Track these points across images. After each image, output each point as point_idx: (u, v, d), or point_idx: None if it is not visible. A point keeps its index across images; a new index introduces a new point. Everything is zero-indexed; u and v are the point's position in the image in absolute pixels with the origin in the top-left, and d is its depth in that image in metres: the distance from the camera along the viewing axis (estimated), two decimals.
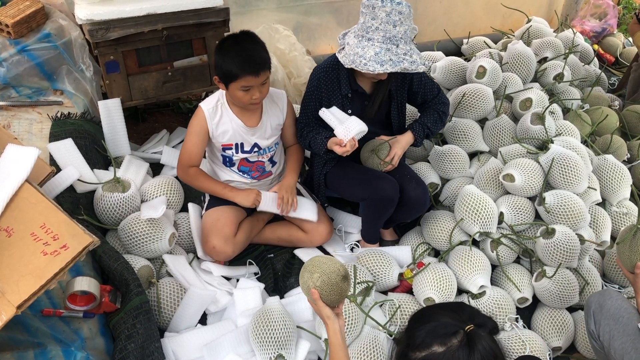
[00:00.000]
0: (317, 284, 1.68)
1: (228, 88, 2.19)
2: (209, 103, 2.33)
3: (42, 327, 1.71)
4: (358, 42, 2.15)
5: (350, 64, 2.15)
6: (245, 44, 2.15)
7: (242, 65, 2.10)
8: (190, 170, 2.38)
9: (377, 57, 2.09)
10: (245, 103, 2.22)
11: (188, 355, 2.03)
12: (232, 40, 2.17)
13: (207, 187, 2.42)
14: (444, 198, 2.79)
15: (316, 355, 2.16)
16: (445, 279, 2.29)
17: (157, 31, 2.61)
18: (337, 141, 2.27)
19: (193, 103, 3.41)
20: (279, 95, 2.46)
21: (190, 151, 2.36)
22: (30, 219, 1.62)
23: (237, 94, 2.17)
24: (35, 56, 2.52)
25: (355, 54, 2.13)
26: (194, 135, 2.34)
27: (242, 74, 2.10)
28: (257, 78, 2.13)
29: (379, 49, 2.10)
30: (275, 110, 2.43)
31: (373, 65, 2.10)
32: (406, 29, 2.12)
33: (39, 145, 2.34)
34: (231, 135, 2.35)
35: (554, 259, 2.35)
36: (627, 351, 1.80)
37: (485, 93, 2.98)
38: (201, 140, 2.35)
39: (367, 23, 2.11)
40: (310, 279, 1.70)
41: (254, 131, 2.38)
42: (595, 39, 4.59)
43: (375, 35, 2.10)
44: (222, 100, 2.34)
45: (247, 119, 2.36)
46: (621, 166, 2.80)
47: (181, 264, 2.31)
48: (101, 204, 2.31)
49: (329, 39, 3.88)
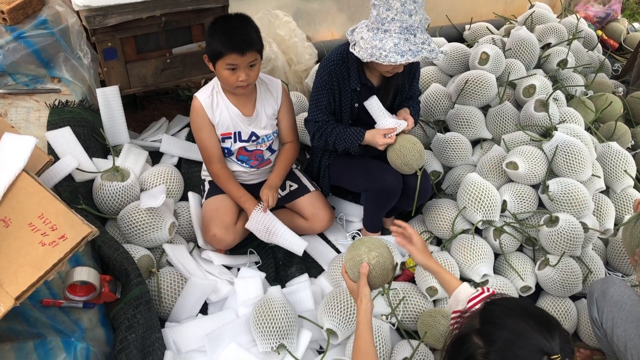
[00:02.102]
0: (372, 262, 1.71)
1: (215, 67, 2.18)
2: (204, 93, 2.31)
3: (41, 318, 1.70)
4: (374, 35, 2.09)
5: (369, 58, 2.09)
6: (235, 23, 2.15)
7: (227, 43, 2.09)
8: (212, 169, 2.39)
9: (396, 48, 2.04)
10: (231, 84, 2.19)
11: (189, 345, 2.02)
12: (224, 19, 2.17)
13: (226, 189, 2.42)
14: (447, 186, 2.77)
15: (318, 344, 2.16)
16: (448, 268, 2.27)
17: (156, 17, 2.58)
18: (385, 131, 2.25)
19: (192, 90, 3.38)
20: (273, 84, 2.42)
21: (205, 147, 2.36)
22: (28, 209, 1.60)
23: (223, 73, 2.16)
24: (32, 43, 2.49)
25: (373, 47, 2.08)
26: (200, 130, 2.33)
27: (227, 51, 2.09)
28: (243, 57, 2.11)
29: (398, 39, 2.05)
30: (269, 99, 2.40)
31: (394, 56, 2.04)
32: (421, 18, 2.07)
33: (36, 133, 2.32)
34: (229, 124, 2.33)
35: (557, 247, 2.34)
36: (630, 338, 1.79)
37: (488, 80, 2.94)
38: (209, 132, 2.33)
39: (382, 15, 2.06)
40: (366, 254, 1.72)
41: (250, 120, 2.36)
42: (598, 25, 4.54)
43: (392, 26, 2.05)
44: (217, 88, 2.31)
45: (243, 107, 2.33)
46: (625, 153, 2.77)
47: (181, 253, 2.30)
48: (100, 193, 2.29)
49: (329, 25, 3.83)
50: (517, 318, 1.28)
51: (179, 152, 2.87)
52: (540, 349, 1.21)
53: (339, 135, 2.32)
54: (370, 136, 2.28)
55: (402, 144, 2.23)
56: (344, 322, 2.04)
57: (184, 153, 2.88)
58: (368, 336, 1.63)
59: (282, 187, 2.58)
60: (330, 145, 2.37)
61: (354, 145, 2.31)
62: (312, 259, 2.51)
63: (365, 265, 1.70)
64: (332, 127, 2.35)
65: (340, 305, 2.06)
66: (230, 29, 2.11)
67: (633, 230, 1.95)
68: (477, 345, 1.26)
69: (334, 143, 2.34)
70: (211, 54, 2.15)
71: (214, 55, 2.13)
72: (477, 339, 1.27)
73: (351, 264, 1.74)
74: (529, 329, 1.24)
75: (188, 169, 2.83)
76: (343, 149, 2.34)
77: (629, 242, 1.97)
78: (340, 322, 2.04)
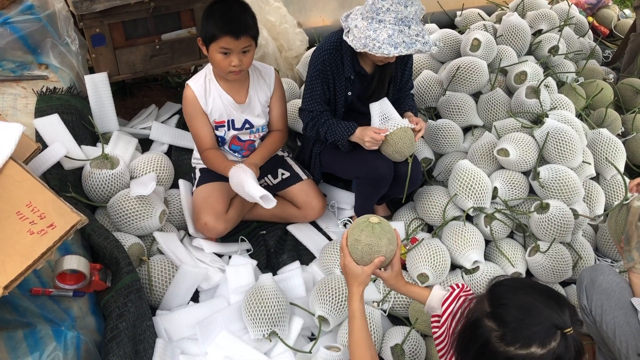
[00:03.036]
0: (388, 256, 1.66)
1: (208, 50, 2.16)
2: (196, 81, 2.29)
3: (31, 307, 1.69)
4: (368, 24, 2.07)
5: (362, 48, 2.07)
6: (232, 7, 2.14)
7: (222, 26, 2.08)
8: (205, 154, 2.35)
9: (390, 40, 2.02)
10: (223, 69, 2.17)
11: (180, 333, 2.02)
12: (221, 2, 2.15)
13: (216, 166, 2.34)
14: (438, 173, 2.77)
15: (309, 331, 2.16)
16: (439, 255, 2.28)
17: (144, 3, 2.54)
18: (376, 129, 2.22)
19: (182, 77, 3.35)
20: (267, 71, 2.40)
21: (198, 135, 2.34)
22: (16, 197, 1.58)
23: (216, 57, 2.14)
24: (18, 29, 2.45)
25: (367, 37, 2.06)
26: (192, 119, 2.31)
27: (221, 34, 2.08)
28: (237, 42, 2.09)
29: (392, 30, 2.03)
30: (262, 85, 2.38)
31: (387, 48, 2.03)
32: (417, 9, 2.05)
33: (24, 121, 2.29)
34: (222, 112, 2.31)
35: (547, 233, 2.35)
36: (619, 325, 1.81)
37: (480, 66, 2.93)
38: (202, 120, 2.32)
39: (377, 4, 2.03)
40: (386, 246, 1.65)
41: (243, 107, 2.34)
42: (589, 11, 4.54)
43: (387, 16, 2.03)
44: (209, 75, 2.30)
45: (236, 94, 2.31)
46: (615, 140, 2.78)
47: (172, 241, 2.29)
48: (89, 181, 2.27)
49: (320, 11, 3.80)
50: (525, 295, 1.29)
51: (169, 139, 2.85)
52: (553, 324, 1.23)
53: (331, 127, 2.30)
54: (359, 133, 2.25)
55: (394, 132, 2.22)
56: (335, 309, 2.04)
57: (174, 140, 2.85)
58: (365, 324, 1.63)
59: (274, 175, 2.57)
60: (321, 136, 2.35)
61: (344, 139, 2.28)
62: (304, 246, 2.51)
63: (382, 258, 1.64)
64: (325, 118, 2.33)
65: (332, 292, 2.06)
66: (227, 12, 2.10)
67: (617, 217, 1.97)
68: (491, 328, 1.26)
69: (325, 134, 2.32)
70: (205, 37, 2.14)
71: (208, 38, 2.12)
72: (490, 322, 1.27)
73: (367, 250, 1.64)
74: (539, 305, 1.26)
75: (178, 157, 2.81)
76: (333, 141, 2.33)
77: (614, 229, 2.00)
78: (332, 309, 2.04)
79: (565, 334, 1.23)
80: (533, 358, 1.21)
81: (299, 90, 3.12)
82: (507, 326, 1.24)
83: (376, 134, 2.21)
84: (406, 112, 2.42)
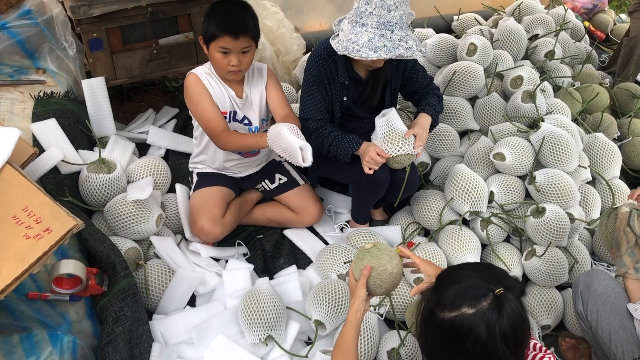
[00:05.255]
0: (395, 270, 1.67)
1: (208, 49, 2.18)
2: (199, 69, 2.30)
3: (27, 311, 1.68)
4: (352, 27, 2.07)
5: (343, 51, 2.07)
6: (233, 7, 2.15)
7: (222, 26, 2.10)
8: (220, 139, 2.23)
9: (370, 44, 2.02)
10: (222, 68, 2.18)
11: (177, 338, 2.02)
12: (224, 3, 2.17)
13: (242, 144, 2.24)
14: (434, 177, 2.77)
15: (306, 335, 2.16)
16: (435, 259, 2.28)
17: (141, 7, 2.55)
18: (379, 150, 2.19)
19: (179, 81, 3.36)
20: (260, 67, 2.41)
21: (209, 117, 2.22)
22: (12, 201, 1.58)
23: (216, 55, 2.16)
24: (16, 33, 2.46)
25: (348, 40, 2.06)
26: (200, 101, 2.23)
27: (221, 33, 2.09)
28: (236, 41, 2.10)
29: (373, 34, 2.03)
30: (257, 81, 2.38)
31: (366, 51, 2.02)
32: (402, 14, 2.04)
33: (21, 125, 2.29)
34: (224, 102, 2.30)
35: (544, 237, 2.35)
36: (615, 330, 1.81)
37: (476, 71, 2.94)
38: (210, 101, 2.23)
39: (361, 8, 2.04)
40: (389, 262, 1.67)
41: (242, 102, 2.34)
42: (586, 16, 4.56)
43: (369, 20, 2.03)
44: (210, 71, 2.31)
45: (235, 88, 2.32)
46: (611, 144, 2.79)
47: (169, 245, 2.29)
48: (86, 186, 2.27)
49: (317, 16, 3.81)
50: (459, 269, 1.46)
51: (166, 143, 2.85)
52: (484, 286, 1.33)
53: (335, 140, 2.26)
54: (363, 149, 2.22)
55: (395, 156, 2.21)
56: (332, 313, 2.04)
57: (172, 145, 2.86)
58: (352, 335, 1.63)
59: (272, 180, 2.57)
60: (324, 149, 2.31)
61: (347, 154, 2.25)
62: (300, 250, 2.51)
63: (368, 267, 1.65)
64: (330, 129, 2.30)
65: (329, 296, 2.06)
66: (228, 12, 2.12)
67: (607, 224, 1.99)
68: (433, 300, 1.39)
69: (329, 146, 2.28)
70: (205, 36, 2.16)
71: (208, 37, 2.14)
72: (432, 297, 1.40)
73: (374, 274, 1.66)
74: (469, 274, 1.39)
75: (175, 161, 2.81)
76: (335, 154, 2.29)
77: (605, 236, 2.01)
78: (329, 313, 2.04)
79: (496, 294, 1.30)
80: (464, 317, 1.30)
81: (296, 95, 3.13)
82: (441, 294, 1.37)
83: (377, 156, 2.18)
84: (420, 113, 2.37)
